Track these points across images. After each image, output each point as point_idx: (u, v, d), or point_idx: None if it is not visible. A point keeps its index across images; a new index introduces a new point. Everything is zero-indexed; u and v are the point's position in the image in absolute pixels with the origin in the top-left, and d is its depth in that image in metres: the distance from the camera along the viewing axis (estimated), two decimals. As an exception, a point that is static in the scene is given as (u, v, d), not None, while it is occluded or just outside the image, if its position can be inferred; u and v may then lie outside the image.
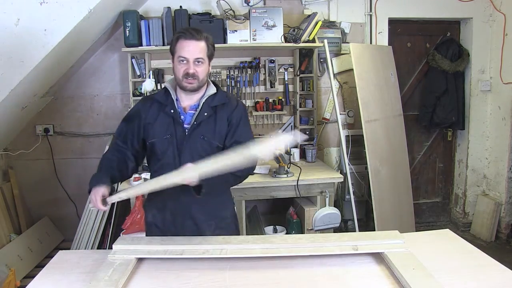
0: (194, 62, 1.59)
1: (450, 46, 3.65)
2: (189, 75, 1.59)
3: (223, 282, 1.30)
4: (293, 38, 3.19)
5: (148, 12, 3.27)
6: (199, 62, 1.60)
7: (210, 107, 1.66)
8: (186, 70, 1.59)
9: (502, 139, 3.58)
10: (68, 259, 1.50)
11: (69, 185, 3.40)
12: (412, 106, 3.87)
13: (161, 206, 1.71)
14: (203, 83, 1.66)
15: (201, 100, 1.67)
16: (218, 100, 1.68)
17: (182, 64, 1.60)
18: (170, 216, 1.71)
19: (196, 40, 1.59)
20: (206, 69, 1.64)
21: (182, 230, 1.69)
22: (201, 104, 1.66)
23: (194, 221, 1.69)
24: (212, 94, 1.69)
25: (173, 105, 1.67)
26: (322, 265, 1.39)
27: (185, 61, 1.59)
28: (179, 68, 1.60)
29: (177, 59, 1.61)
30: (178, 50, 1.60)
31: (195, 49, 1.59)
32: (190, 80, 1.60)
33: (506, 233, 3.59)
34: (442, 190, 4.09)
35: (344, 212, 3.57)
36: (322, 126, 3.63)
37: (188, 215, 1.69)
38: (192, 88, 1.63)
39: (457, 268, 1.36)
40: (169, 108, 1.67)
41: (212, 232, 1.70)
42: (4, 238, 2.92)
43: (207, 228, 1.71)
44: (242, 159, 1.42)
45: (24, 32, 2.23)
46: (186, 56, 1.58)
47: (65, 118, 3.37)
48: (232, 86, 3.36)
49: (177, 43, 1.60)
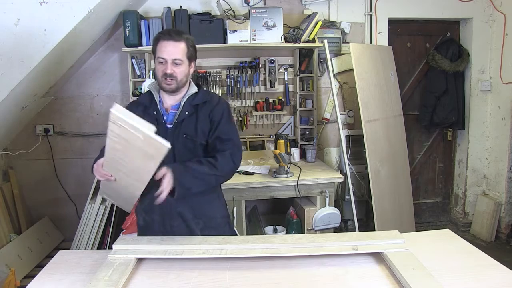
0: (172, 63, 1.62)
1: (450, 46, 3.65)
2: (167, 76, 1.62)
3: (223, 282, 1.30)
4: (293, 38, 3.19)
5: (148, 12, 3.27)
6: (177, 64, 1.62)
7: (191, 105, 1.69)
8: (164, 70, 1.62)
9: (502, 139, 3.58)
10: (68, 259, 1.49)
11: (69, 185, 3.41)
12: (412, 106, 3.87)
13: (148, 208, 1.72)
14: (182, 83, 1.67)
15: (182, 99, 1.70)
16: (199, 99, 1.71)
17: (161, 65, 1.63)
18: (159, 217, 1.72)
19: (174, 41, 1.61)
20: (185, 70, 1.66)
21: (172, 230, 1.70)
22: (182, 103, 1.69)
23: (183, 220, 1.71)
24: (193, 93, 1.71)
25: (156, 107, 1.70)
26: (322, 265, 1.39)
27: (164, 62, 1.62)
28: (158, 68, 1.64)
29: (157, 60, 1.64)
30: (157, 51, 1.63)
31: (173, 50, 1.61)
32: (169, 81, 1.63)
33: (506, 233, 3.59)
34: (442, 190, 4.09)
35: (344, 212, 3.57)
36: (322, 126, 3.63)
37: (176, 214, 1.70)
38: (171, 89, 1.65)
39: (457, 268, 1.36)
40: (152, 110, 1.70)
41: (201, 231, 1.71)
42: (4, 238, 2.92)
43: (195, 226, 1.71)
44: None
45: (24, 32, 2.24)
46: (164, 57, 1.61)
47: (65, 118, 3.37)
48: (232, 86, 3.36)
49: (157, 44, 1.63)
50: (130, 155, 1.37)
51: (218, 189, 1.86)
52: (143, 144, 1.29)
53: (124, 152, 1.36)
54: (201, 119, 1.68)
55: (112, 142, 1.34)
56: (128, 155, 1.37)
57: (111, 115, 1.26)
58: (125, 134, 1.28)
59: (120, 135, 1.30)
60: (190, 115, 1.68)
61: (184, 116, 1.67)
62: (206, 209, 1.76)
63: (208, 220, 1.74)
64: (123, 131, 1.28)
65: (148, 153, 1.33)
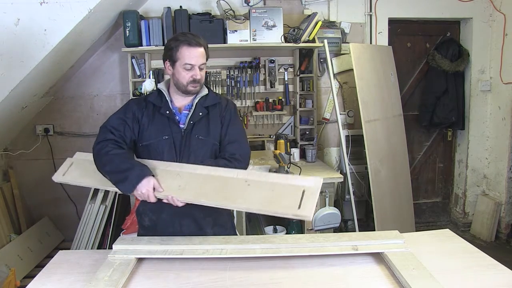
0: (199, 68, 1.66)
1: (450, 46, 3.65)
2: (196, 81, 1.66)
3: (223, 282, 1.30)
4: (293, 38, 3.19)
5: (148, 12, 3.27)
6: (201, 69, 1.68)
7: (203, 107, 1.71)
8: (194, 76, 1.65)
9: (502, 139, 3.58)
10: (68, 259, 1.49)
11: (69, 185, 3.38)
12: (412, 106, 3.87)
13: (156, 208, 1.69)
14: (201, 85, 1.73)
15: (194, 100, 1.72)
16: (210, 100, 1.73)
17: (188, 71, 1.65)
18: (168, 216, 1.70)
19: (199, 47, 1.65)
20: (204, 72, 1.72)
21: (181, 229, 1.68)
22: (195, 104, 1.71)
23: (193, 219, 1.69)
24: (204, 95, 1.73)
25: (168, 106, 1.70)
26: (322, 265, 1.39)
27: (191, 68, 1.64)
28: (185, 74, 1.65)
29: (181, 65, 1.64)
30: (184, 57, 1.63)
31: (200, 56, 1.65)
32: (195, 85, 1.67)
33: (506, 233, 3.59)
34: (442, 190, 4.09)
35: (344, 212, 3.57)
36: (322, 126, 3.63)
37: (187, 213, 1.68)
38: (196, 91, 1.71)
39: (457, 268, 1.36)
40: (165, 109, 1.69)
41: (211, 229, 1.71)
42: (4, 238, 2.92)
43: (206, 224, 1.71)
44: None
45: (24, 32, 2.23)
46: (193, 63, 1.64)
47: (65, 118, 3.37)
48: (232, 86, 3.36)
49: (181, 50, 1.63)
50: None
51: None
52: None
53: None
54: (213, 121, 1.71)
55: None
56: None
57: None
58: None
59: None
60: (202, 117, 1.70)
61: (197, 117, 1.69)
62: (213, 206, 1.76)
63: (217, 217, 1.74)
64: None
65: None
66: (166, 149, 1.66)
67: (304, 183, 1.39)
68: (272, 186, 1.41)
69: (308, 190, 1.36)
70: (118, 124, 1.67)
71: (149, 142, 1.68)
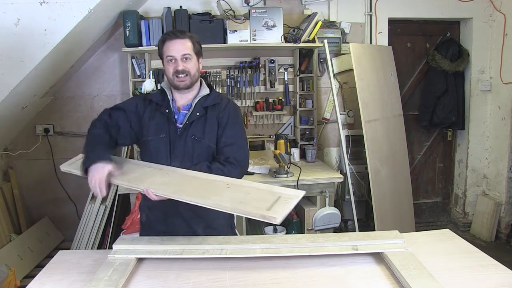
0: (182, 59, 1.63)
1: (450, 46, 3.65)
2: (179, 72, 1.63)
3: (223, 282, 1.30)
4: (293, 38, 3.19)
5: (148, 12, 3.27)
6: (186, 59, 1.64)
7: (202, 107, 1.69)
8: (175, 67, 1.63)
9: (502, 139, 3.58)
10: (68, 259, 1.49)
11: (69, 185, 3.40)
12: (412, 106, 3.87)
13: (151, 205, 1.70)
14: (195, 79, 1.69)
15: (194, 100, 1.71)
16: (210, 101, 1.71)
17: (171, 63, 1.65)
18: (161, 215, 1.72)
19: (180, 38, 1.64)
20: (195, 65, 1.68)
21: (173, 229, 1.69)
22: (194, 104, 1.69)
23: (184, 219, 1.70)
24: (205, 95, 1.72)
25: (169, 105, 1.71)
26: (322, 265, 1.39)
27: (173, 60, 1.64)
28: (169, 68, 1.65)
29: (166, 60, 1.65)
30: (165, 51, 1.65)
31: (181, 47, 1.63)
32: (182, 78, 1.64)
33: (506, 233, 3.59)
34: (442, 190, 4.09)
35: (344, 212, 3.57)
36: (322, 126, 3.63)
37: (178, 213, 1.69)
38: (185, 85, 1.67)
39: (457, 268, 1.36)
40: (164, 108, 1.70)
41: (204, 231, 1.70)
42: (4, 238, 2.92)
43: (197, 226, 1.71)
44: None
45: (24, 32, 2.23)
46: (173, 54, 1.63)
47: (65, 118, 3.37)
48: (232, 86, 3.36)
49: (164, 46, 1.65)
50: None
51: None
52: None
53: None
54: (210, 122, 1.68)
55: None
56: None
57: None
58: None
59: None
60: (200, 117, 1.68)
61: (194, 117, 1.67)
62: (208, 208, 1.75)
63: (211, 220, 1.73)
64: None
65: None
66: (162, 148, 1.68)
67: (283, 192, 1.37)
68: (249, 190, 1.40)
69: (284, 196, 1.34)
70: (118, 111, 1.73)
71: (147, 138, 1.70)
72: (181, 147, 1.66)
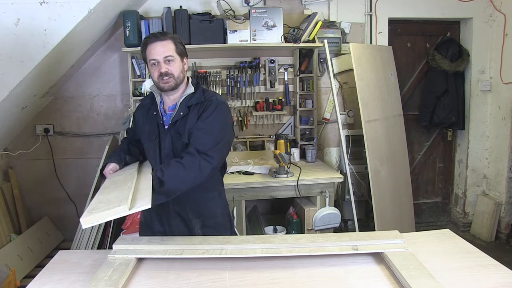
0: (165, 61, 1.63)
1: (450, 46, 3.65)
2: (163, 75, 1.63)
3: (223, 282, 1.30)
4: (293, 38, 3.19)
5: (148, 12, 3.27)
6: (169, 61, 1.64)
7: (186, 106, 1.68)
8: (159, 70, 1.63)
9: (502, 139, 3.58)
10: (68, 259, 1.50)
11: (69, 185, 3.40)
12: (412, 106, 3.87)
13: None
14: (180, 80, 1.68)
15: (179, 100, 1.70)
16: (194, 100, 1.69)
17: (154, 66, 1.65)
18: (156, 215, 1.73)
19: (160, 41, 1.63)
20: (179, 66, 1.67)
21: (170, 229, 1.71)
22: (179, 103, 1.69)
23: (181, 218, 1.71)
24: (190, 93, 1.71)
25: (156, 108, 1.74)
26: (322, 265, 1.39)
27: (156, 63, 1.64)
28: (153, 71, 1.66)
29: (150, 63, 1.66)
30: (148, 55, 1.65)
31: (162, 49, 1.63)
32: (166, 80, 1.64)
33: (506, 233, 3.59)
34: (442, 190, 4.09)
35: (344, 212, 3.57)
36: (322, 126, 3.63)
37: (174, 213, 1.71)
38: (170, 87, 1.66)
39: (457, 268, 1.36)
40: (153, 111, 1.74)
41: (200, 230, 1.71)
42: (4, 238, 2.92)
43: (194, 225, 1.72)
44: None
45: (24, 32, 2.23)
46: (155, 58, 1.63)
47: (65, 118, 3.37)
48: (232, 86, 3.36)
49: (146, 49, 1.65)
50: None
51: (220, 187, 1.84)
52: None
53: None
54: (190, 120, 1.66)
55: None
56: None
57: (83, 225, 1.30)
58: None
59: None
60: (183, 116, 1.67)
61: (178, 117, 1.67)
62: (205, 207, 1.75)
63: (207, 218, 1.74)
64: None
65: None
66: (153, 149, 1.72)
67: (129, 201, 1.33)
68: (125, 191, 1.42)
69: (122, 205, 1.30)
70: (131, 128, 2.01)
71: (143, 142, 1.78)
72: (168, 147, 1.68)
